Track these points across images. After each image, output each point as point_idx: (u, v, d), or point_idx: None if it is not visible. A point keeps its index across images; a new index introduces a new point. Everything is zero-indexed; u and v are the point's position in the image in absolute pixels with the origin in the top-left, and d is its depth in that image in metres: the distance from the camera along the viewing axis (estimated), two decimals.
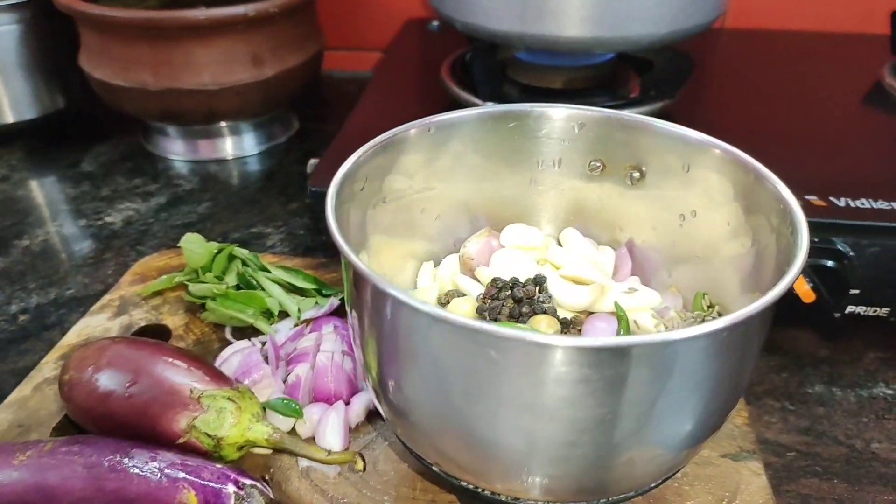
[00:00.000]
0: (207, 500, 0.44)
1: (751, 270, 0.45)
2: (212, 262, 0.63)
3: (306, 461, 0.48)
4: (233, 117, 0.93)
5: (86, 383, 0.50)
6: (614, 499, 0.41)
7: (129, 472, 0.45)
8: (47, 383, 0.55)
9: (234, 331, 0.62)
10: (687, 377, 0.34)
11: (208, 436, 0.48)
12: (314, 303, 0.64)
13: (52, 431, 0.50)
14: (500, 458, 0.38)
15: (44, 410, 0.52)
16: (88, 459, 0.45)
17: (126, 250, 0.78)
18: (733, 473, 0.53)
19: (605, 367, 0.33)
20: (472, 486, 0.41)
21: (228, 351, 0.57)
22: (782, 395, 0.65)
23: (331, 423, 0.51)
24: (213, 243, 0.67)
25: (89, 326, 0.62)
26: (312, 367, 0.55)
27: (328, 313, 0.63)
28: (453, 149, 0.50)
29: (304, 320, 0.60)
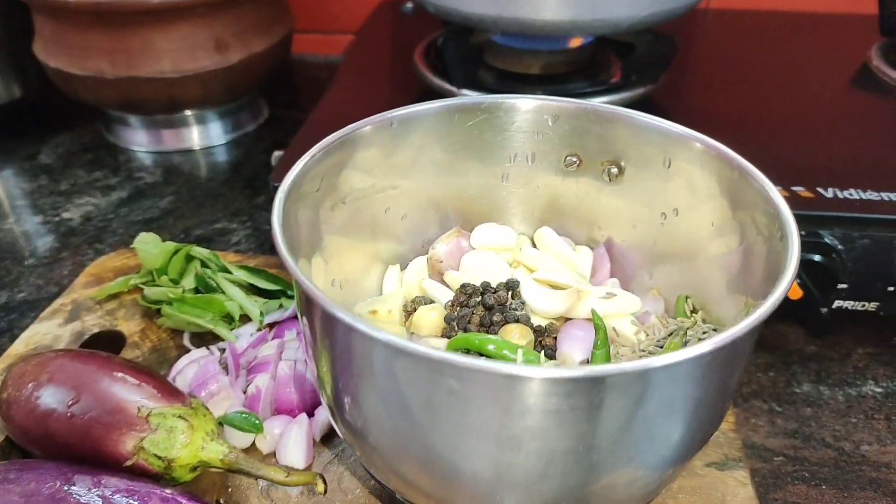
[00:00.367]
0: None
1: (738, 271, 0.42)
2: (168, 264, 0.59)
3: None
4: (197, 105, 0.90)
5: (25, 402, 0.46)
6: None
7: (69, 502, 0.41)
8: None
9: (194, 337, 0.59)
10: (668, 403, 0.31)
11: (158, 457, 0.45)
12: (278, 305, 0.61)
13: None
14: (466, 487, 0.35)
15: None
16: (26, 487, 0.42)
17: (84, 249, 0.74)
18: (719, 484, 0.50)
19: (578, 397, 0.30)
20: None
21: (184, 361, 0.54)
22: (770, 396, 0.62)
23: (293, 438, 0.48)
24: (169, 243, 0.63)
25: (38, 334, 0.58)
26: (273, 378, 0.52)
27: (293, 317, 0.60)
28: (418, 144, 0.48)
29: (267, 324, 0.58)
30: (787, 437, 0.59)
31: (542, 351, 0.46)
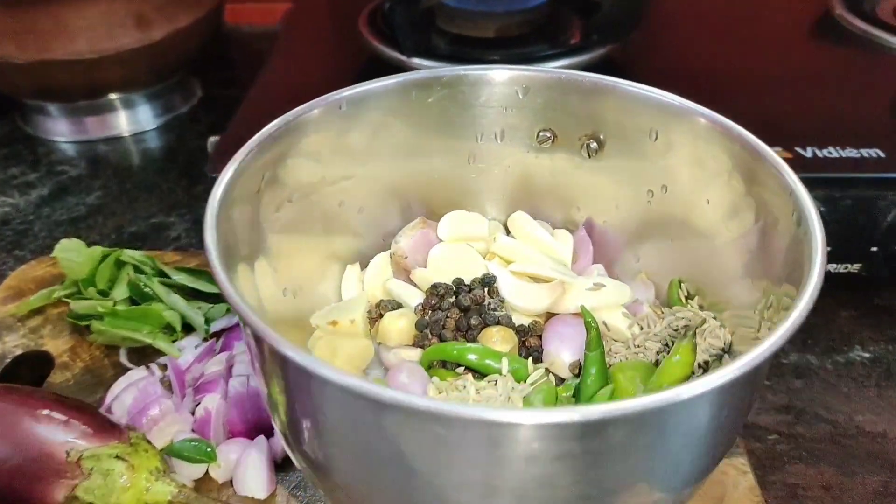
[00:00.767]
0: None
1: (751, 254, 0.38)
2: (95, 273, 0.53)
3: None
4: (121, 89, 0.82)
5: None
6: None
7: None
8: None
9: (131, 352, 0.54)
10: (683, 436, 0.27)
11: None
12: (225, 310, 0.55)
13: None
14: None
15: None
16: None
17: (2, 257, 0.66)
18: (719, 475, 0.47)
19: (582, 440, 0.25)
20: None
21: (120, 384, 0.48)
22: None
23: (251, 464, 0.44)
24: (96, 248, 0.57)
25: None
26: (224, 397, 0.47)
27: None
28: (372, 126, 0.43)
29: (214, 334, 0.53)
30: (780, 412, 0.56)
31: (527, 354, 0.41)
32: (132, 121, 0.88)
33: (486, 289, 0.43)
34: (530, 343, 0.41)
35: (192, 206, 0.74)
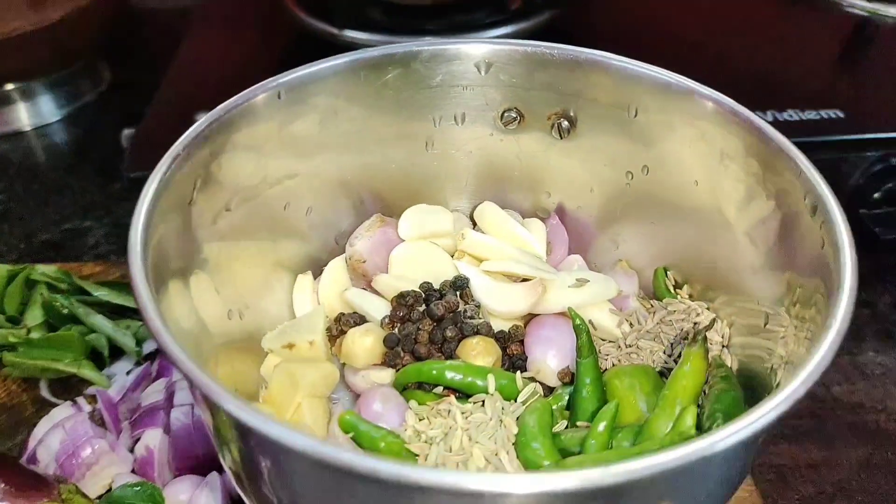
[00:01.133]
0: None
1: (764, 243, 0.35)
2: (3, 296, 0.48)
3: None
4: (18, 77, 0.75)
5: None
6: None
7: None
8: None
9: (54, 384, 0.49)
10: (702, 485, 0.24)
11: None
12: None
13: None
14: None
15: None
16: None
17: None
18: None
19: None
20: None
21: (43, 426, 0.44)
22: None
23: None
24: (1, 267, 0.50)
25: None
26: (167, 430, 0.43)
27: None
28: (317, 115, 0.40)
29: (147, 356, 0.49)
30: None
31: (510, 363, 0.37)
32: (33, 113, 0.79)
33: (458, 293, 0.39)
34: (512, 350, 0.37)
35: (109, 207, 0.68)
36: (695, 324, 0.36)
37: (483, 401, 0.33)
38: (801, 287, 0.30)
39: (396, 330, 0.37)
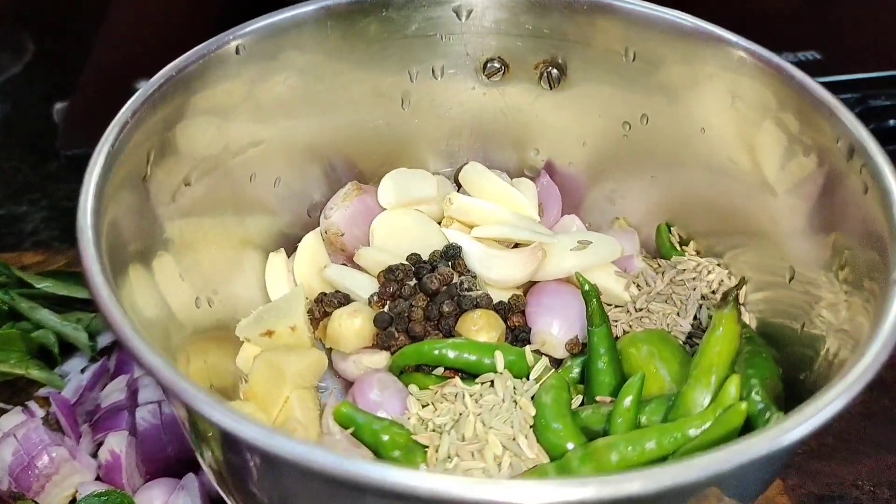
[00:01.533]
0: None
1: (798, 186, 0.32)
2: None
3: None
4: None
5: None
6: None
7: None
8: None
9: (1, 388, 0.46)
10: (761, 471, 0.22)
11: None
12: None
13: None
14: None
15: None
16: None
17: None
18: None
19: None
20: None
21: None
22: None
23: None
24: None
25: None
26: (133, 432, 0.41)
27: None
28: (280, 73, 0.37)
29: (103, 350, 0.46)
30: None
31: (513, 337, 0.35)
32: None
33: (450, 263, 0.36)
34: (514, 322, 0.35)
35: (45, 188, 0.64)
36: (720, 283, 0.34)
37: (492, 381, 0.31)
38: (848, 249, 0.28)
39: (387, 308, 0.35)
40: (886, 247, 0.24)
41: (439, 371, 0.33)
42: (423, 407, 0.30)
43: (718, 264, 0.37)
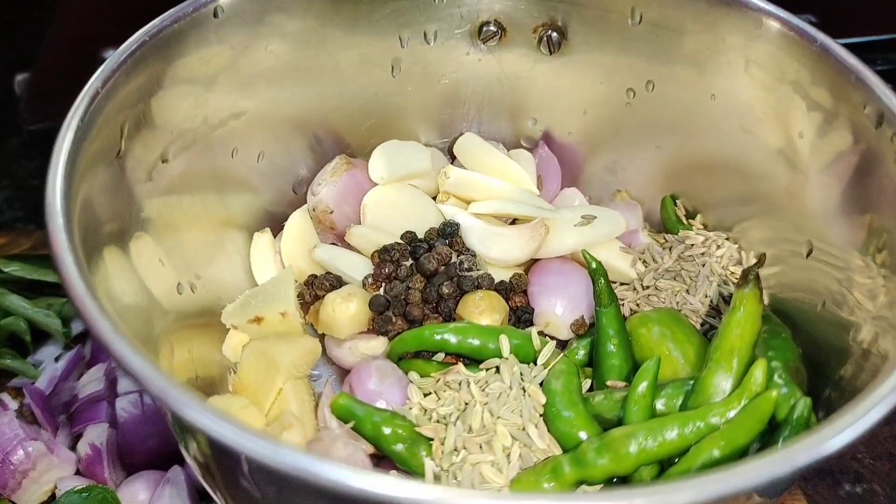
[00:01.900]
0: None
1: (819, 151, 0.31)
2: None
3: None
4: None
5: None
6: None
7: None
8: None
9: None
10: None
11: None
12: None
13: None
14: None
15: None
16: None
17: None
18: None
19: None
20: None
21: None
22: None
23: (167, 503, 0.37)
24: None
25: None
26: (113, 423, 0.40)
27: None
28: (262, 38, 0.36)
29: (77, 337, 0.45)
30: None
31: (515, 318, 0.33)
32: None
33: (448, 242, 0.34)
34: (516, 303, 0.34)
35: (7, 166, 0.62)
36: (730, 258, 0.33)
37: (497, 367, 0.29)
38: (887, 232, 0.26)
39: (383, 291, 0.33)
40: None
41: (440, 357, 0.31)
42: (426, 396, 0.29)
43: (727, 238, 0.35)
